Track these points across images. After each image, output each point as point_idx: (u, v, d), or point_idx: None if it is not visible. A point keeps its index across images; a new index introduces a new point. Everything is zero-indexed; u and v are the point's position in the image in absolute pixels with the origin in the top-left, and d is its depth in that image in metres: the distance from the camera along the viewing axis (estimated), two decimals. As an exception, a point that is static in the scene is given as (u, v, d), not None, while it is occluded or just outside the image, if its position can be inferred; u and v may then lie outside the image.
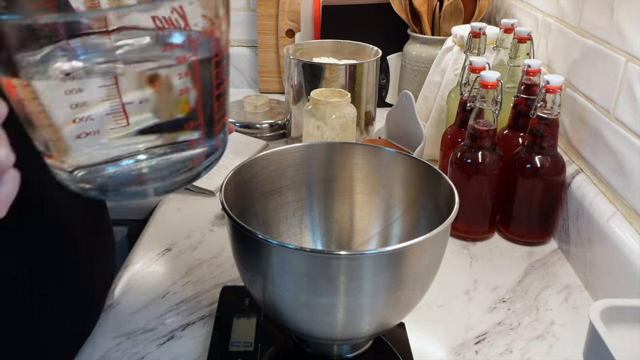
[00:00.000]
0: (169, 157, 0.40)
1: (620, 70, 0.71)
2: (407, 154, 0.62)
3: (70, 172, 0.40)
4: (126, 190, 0.40)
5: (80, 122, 0.37)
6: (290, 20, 1.29)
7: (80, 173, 0.39)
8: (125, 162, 0.39)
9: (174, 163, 0.40)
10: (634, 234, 0.66)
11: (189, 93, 0.39)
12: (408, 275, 0.49)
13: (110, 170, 0.39)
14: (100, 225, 0.68)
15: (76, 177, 0.40)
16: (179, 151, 0.40)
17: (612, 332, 0.46)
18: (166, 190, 0.41)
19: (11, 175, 0.35)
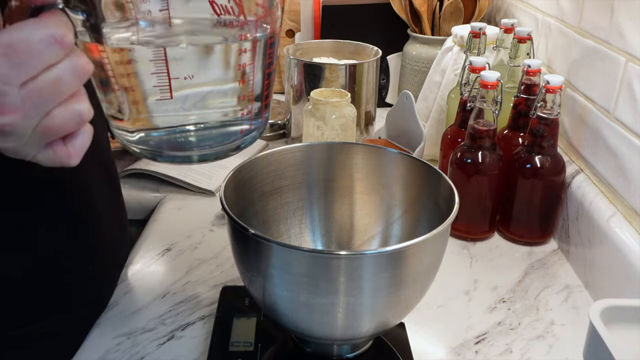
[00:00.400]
0: (219, 129, 0.44)
1: (620, 70, 0.71)
2: (407, 154, 0.62)
3: (132, 133, 0.43)
4: (175, 154, 0.44)
5: (158, 87, 0.41)
6: (290, 20, 1.29)
7: (140, 135, 0.43)
8: (180, 130, 0.43)
9: (222, 134, 0.44)
10: (634, 234, 0.66)
11: (245, 69, 0.43)
12: (408, 275, 0.49)
13: (165, 135, 0.43)
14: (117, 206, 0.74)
15: (136, 140, 0.43)
16: (228, 124, 0.44)
17: (612, 332, 0.46)
18: (210, 159, 0.45)
19: (87, 129, 0.39)
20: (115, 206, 0.73)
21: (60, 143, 0.39)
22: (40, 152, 0.38)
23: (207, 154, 0.44)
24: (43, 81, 0.35)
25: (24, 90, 0.35)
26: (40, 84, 0.35)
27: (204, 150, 0.44)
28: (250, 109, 0.44)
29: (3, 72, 0.34)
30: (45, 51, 0.34)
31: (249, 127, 0.45)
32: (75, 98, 0.37)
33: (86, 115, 0.38)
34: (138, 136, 0.43)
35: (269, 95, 0.46)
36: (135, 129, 0.43)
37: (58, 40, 0.34)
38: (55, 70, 0.35)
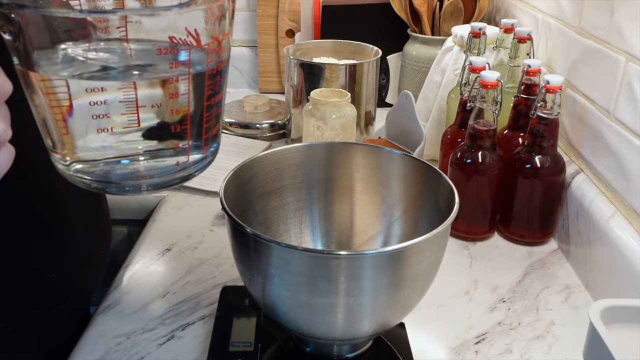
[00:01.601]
0: (160, 160, 0.42)
1: (620, 70, 0.71)
2: (407, 154, 0.62)
3: (71, 165, 0.41)
4: (122, 184, 0.42)
5: (97, 119, 0.39)
6: (290, 20, 1.29)
7: (81, 166, 0.41)
8: (124, 160, 0.41)
9: (166, 164, 0.43)
10: (634, 234, 0.66)
11: (178, 100, 0.40)
12: (408, 275, 0.49)
13: (109, 165, 0.41)
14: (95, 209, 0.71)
15: (77, 170, 0.42)
16: (168, 155, 0.43)
17: (612, 332, 0.46)
18: (157, 188, 0.43)
19: (6, 150, 0.36)
20: (90, 206, 0.71)
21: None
22: None
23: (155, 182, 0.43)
24: None
25: None
26: None
27: (151, 180, 0.42)
28: (187, 141, 0.42)
29: None
30: None
31: (186, 159, 0.43)
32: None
33: (1, 136, 0.35)
34: (81, 167, 0.42)
35: (211, 128, 0.44)
36: (72, 161, 0.42)
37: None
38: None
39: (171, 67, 0.40)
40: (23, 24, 0.36)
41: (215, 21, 0.40)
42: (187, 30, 0.38)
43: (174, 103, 0.40)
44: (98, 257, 0.73)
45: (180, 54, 0.40)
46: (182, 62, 0.40)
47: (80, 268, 0.68)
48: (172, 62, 0.40)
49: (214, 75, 0.41)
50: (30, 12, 0.36)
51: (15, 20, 0.35)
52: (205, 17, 0.39)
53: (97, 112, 0.39)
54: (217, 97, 0.43)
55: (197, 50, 0.40)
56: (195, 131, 0.42)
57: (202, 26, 0.39)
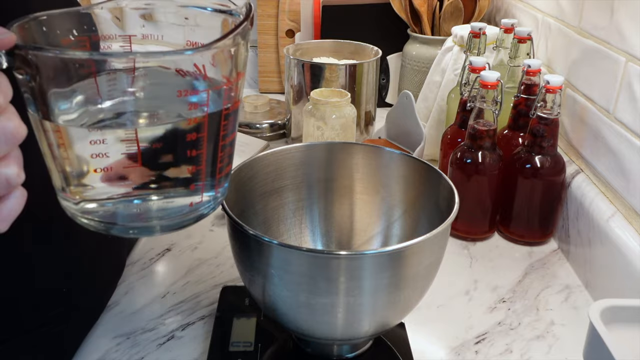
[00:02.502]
0: (173, 200, 0.42)
1: (620, 70, 0.71)
2: (407, 154, 0.62)
3: (80, 204, 0.41)
4: (132, 225, 0.41)
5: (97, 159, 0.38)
6: (290, 20, 1.29)
7: (91, 206, 0.41)
8: (136, 200, 0.41)
9: (177, 205, 0.42)
10: (634, 234, 0.66)
11: (197, 142, 0.40)
12: (408, 275, 0.49)
13: (120, 206, 0.41)
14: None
15: (87, 210, 0.41)
16: (182, 195, 0.42)
17: (612, 332, 0.46)
18: (169, 230, 0.43)
19: (18, 193, 0.36)
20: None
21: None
22: None
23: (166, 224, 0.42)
24: None
25: None
26: None
27: (162, 221, 0.42)
28: (201, 182, 0.42)
29: None
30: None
31: (199, 199, 0.43)
32: (2, 162, 0.34)
33: (14, 180, 0.35)
34: (83, 207, 0.41)
35: (224, 168, 0.44)
36: (81, 200, 0.41)
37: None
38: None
39: (190, 108, 0.39)
40: (40, 66, 0.35)
41: (233, 62, 0.40)
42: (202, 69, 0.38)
43: (190, 144, 0.40)
44: (118, 262, 0.72)
45: (199, 95, 0.39)
46: (200, 103, 0.39)
47: (96, 277, 0.67)
48: (190, 103, 0.39)
49: (229, 115, 0.41)
50: (48, 55, 0.35)
51: (33, 62, 0.35)
52: (223, 58, 0.39)
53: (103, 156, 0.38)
54: (231, 136, 0.43)
55: (215, 91, 0.40)
56: (209, 171, 0.42)
57: (220, 66, 0.39)
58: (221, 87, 0.40)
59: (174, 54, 0.39)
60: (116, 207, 0.41)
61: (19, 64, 0.35)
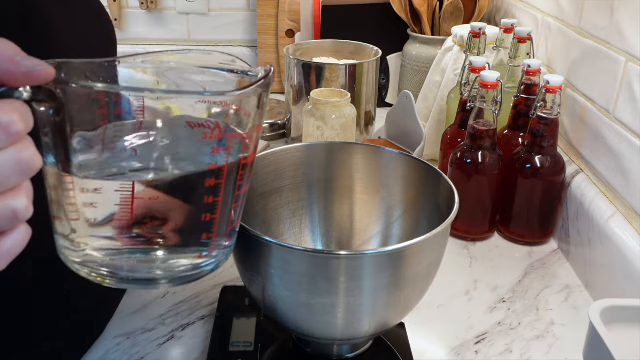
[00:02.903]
0: (183, 251, 0.41)
1: (620, 70, 0.71)
2: (407, 154, 0.62)
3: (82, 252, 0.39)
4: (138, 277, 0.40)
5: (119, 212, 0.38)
6: (290, 20, 1.29)
7: (95, 254, 0.39)
8: (143, 253, 0.40)
9: (188, 256, 0.41)
10: (634, 234, 0.66)
11: (222, 190, 0.39)
12: (408, 275, 0.49)
13: (125, 257, 0.40)
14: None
15: (89, 260, 0.40)
16: (195, 245, 0.41)
17: (612, 332, 0.46)
18: (176, 283, 0.41)
19: (21, 230, 0.34)
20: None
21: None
22: None
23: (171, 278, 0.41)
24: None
25: None
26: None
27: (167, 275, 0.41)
28: (213, 232, 0.41)
29: None
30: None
31: (208, 251, 0.42)
32: (12, 192, 0.32)
33: (22, 213, 0.33)
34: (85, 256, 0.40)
35: (235, 220, 0.43)
36: (84, 249, 0.39)
37: (4, 126, 0.30)
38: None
39: (213, 152, 0.39)
40: (67, 100, 0.34)
41: (255, 113, 0.39)
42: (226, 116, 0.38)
43: (207, 190, 0.39)
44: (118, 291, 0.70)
45: (222, 141, 0.39)
46: (223, 151, 0.39)
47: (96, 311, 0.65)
48: (211, 151, 0.39)
49: (246, 165, 0.41)
50: (79, 88, 0.35)
51: (58, 96, 0.34)
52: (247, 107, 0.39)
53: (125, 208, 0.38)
54: (246, 187, 0.42)
55: (237, 140, 0.39)
56: (224, 221, 0.41)
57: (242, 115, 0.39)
58: (241, 136, 0.39)
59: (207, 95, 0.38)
60: (123, 258, 0.40)
61: (43, 97, 0.34)
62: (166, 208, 0.39)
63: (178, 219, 0.40)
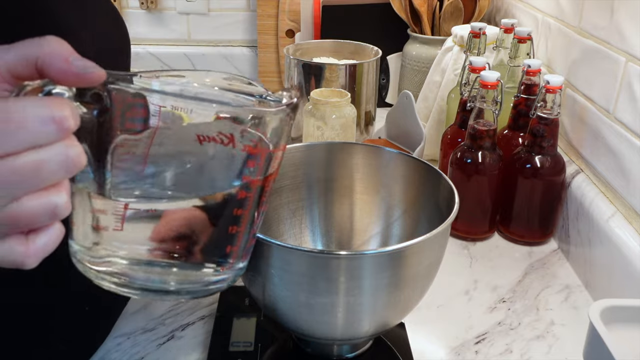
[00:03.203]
0: (201, 267, 0.41)
1: (620, 70, 0.71)
2: (407, 154, 0.62)
3: (100, 259, 0.39)
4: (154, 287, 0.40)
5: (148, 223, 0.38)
6: (290, 20, 1.29)
7: (117, 264, 0.39)
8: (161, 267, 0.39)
9: (205, 271, 0.41)
10: (634, 234, 0.66)
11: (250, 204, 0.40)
12: (408, 275, 0.49)
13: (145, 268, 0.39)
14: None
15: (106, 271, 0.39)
16: (210, 264, 0.41)
17: (611, 332, 0.46)
18: (193, 296, 0.42)
19: (57, 228, 0.34)
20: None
21: (21, 238, 0.33)
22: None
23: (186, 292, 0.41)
24: (24, 161, 0.30)
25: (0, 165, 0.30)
26: (20, 162, 0.30)
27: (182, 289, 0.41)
28: (236, 246, 0.41)
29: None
30: (38, 128, 0.30)
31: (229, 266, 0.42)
32: (55, 188, 0.32)
33: (62, 210, 0.33)
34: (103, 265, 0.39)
35: (254, 236, 0.43)
36: (101, 256, 0.39)
37: (57, 120, 0.31)
38: (42, 152, 0.31)
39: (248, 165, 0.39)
40: (113, 102, 0.34)
41: (286, 130, 0.40)
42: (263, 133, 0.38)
43: (238, 203, 0.39)
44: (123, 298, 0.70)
45: (255, 155, 0.39)
46: (256, 165, 0.39)
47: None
48: (246, 164, 0.39)
49: (272, 181, 0.41)
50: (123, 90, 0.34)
51: (104, 98, 0.34)
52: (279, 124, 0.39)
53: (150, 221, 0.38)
54: (267, 204, 0.43)
55: (268, 155, 0.39)
56: (246, 234, 0.41)
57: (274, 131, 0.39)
58: (272, 152, 0.40)
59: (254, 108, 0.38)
60: (142, 269, 0.39)
61: (89, 98, 0.34)
62: (199, 223, 0.39)
63: (208, 233, 0.40)
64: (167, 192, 0.39)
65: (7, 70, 0.32)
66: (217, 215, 0.40)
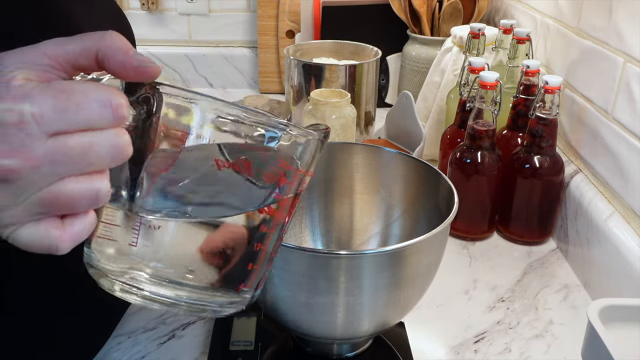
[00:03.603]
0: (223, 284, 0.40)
1: (619, 71, 0.71)
2: (406, 154, 0.62)
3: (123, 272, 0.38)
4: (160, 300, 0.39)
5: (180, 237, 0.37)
6: (291, 21, 1.29)
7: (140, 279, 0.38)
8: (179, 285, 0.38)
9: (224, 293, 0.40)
10: (632, 234, 0.66)
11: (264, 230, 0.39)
12: (408, 275, 0.49)
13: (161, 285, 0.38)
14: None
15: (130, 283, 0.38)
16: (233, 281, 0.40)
17: (610, 331, 0.46)
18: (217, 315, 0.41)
19: (91, 216, 0.33)
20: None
21: (57, 221, 0.32)
22: (25, 225, 0.32)
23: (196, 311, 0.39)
24: (76, 141, 0.31)
25: (51, 142, 0.30)
26: (72, 142, 0.30)
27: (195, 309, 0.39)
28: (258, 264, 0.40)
29: (43, 111, 0.30)
30: (96, 110, 0.31)
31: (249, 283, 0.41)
32: (98, 175, 0.32)
33: (103, 196, 0.32)
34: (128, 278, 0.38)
35: (276, 251, 0.42)
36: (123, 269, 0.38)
37: (114, 106, 0.31)
38: (94, 135, 0.31)
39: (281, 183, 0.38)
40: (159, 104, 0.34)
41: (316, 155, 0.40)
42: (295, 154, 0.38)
43: (263, 221, 0.39)
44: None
45: (289, 172, 0.38)
46: (287, 183, 0.38)
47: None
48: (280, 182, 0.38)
49: (297, 204, 0.41)
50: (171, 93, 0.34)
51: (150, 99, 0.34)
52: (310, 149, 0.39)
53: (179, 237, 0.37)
54: (290, 221, 0.42)
55: (299, 174, 0.39)
56: (268, 253, 0.41)
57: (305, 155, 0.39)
58: (302, 172, 0.39)
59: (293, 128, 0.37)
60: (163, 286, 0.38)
61: (138, 99, 0.34)
62: (233, 240, 0.39)
63: (241, 249, 0.39)
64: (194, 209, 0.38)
65: (66, 61, 0.32)
66: (250, 233, 0.39)
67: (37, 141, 0.30)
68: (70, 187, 0.31)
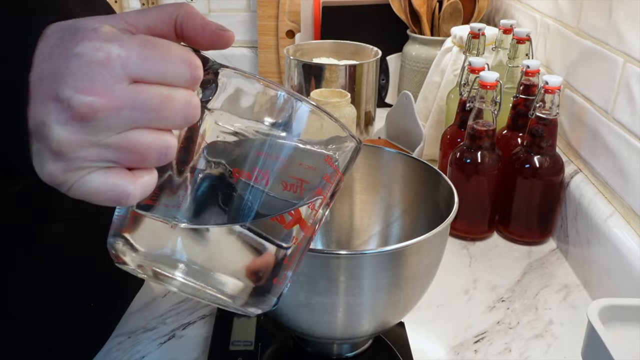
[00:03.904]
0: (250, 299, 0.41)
1: (619, 71, 0.71)
2: (406, 154, 0.62)
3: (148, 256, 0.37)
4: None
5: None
6: (291, 21, 1.29)
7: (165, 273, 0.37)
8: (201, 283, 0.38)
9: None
10: (632, 234, 0.66)
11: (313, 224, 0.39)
12: (408, 275, 0.49)
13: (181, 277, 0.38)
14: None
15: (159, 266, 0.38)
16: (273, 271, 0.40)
17: (610, 331, 0.46)
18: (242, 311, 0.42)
19: (155, 175, 0.34)
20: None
21: (127, 171, 0.32)
22: (95, 172, 0.31)
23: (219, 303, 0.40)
24: (155, 91, 0.31)
25: (133, 87, 0.31)
26: (152, 92, 0.31)
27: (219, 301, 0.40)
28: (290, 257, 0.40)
29: (130, 55, 0.30)
30: (176, 66, 0.31)
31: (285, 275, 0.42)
32: (168, 132, 0.33)
33: (171, 153, 0.33)
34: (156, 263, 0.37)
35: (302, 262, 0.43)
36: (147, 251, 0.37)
37: (192, 66, 0.32)
38: (172, 90, 0.32)
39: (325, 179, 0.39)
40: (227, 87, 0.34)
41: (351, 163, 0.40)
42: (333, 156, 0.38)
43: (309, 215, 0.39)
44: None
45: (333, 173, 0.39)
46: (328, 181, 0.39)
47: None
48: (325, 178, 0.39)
49: (331, 204, 0.41)
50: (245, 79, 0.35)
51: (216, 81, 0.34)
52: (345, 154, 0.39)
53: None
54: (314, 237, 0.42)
55: (339, 180, 0.39)
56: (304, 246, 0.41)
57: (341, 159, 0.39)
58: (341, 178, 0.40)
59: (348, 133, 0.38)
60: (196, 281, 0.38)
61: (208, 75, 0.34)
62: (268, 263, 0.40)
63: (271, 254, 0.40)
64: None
65: (145, 26, 0.34)
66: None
67: (119, 84, 0.30)
68: (144, 136, 0.31)
